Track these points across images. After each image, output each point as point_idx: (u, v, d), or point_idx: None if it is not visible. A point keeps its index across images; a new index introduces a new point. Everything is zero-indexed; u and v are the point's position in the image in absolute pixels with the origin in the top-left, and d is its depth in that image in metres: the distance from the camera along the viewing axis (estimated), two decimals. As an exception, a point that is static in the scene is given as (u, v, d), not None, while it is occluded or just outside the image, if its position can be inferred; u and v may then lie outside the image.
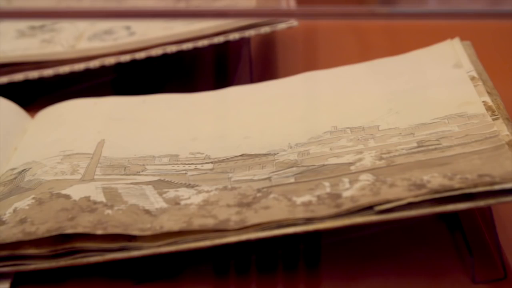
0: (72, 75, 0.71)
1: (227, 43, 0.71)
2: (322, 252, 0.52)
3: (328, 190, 0.50)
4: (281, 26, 0.70)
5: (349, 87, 0.64)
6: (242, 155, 0.56)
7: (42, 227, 0.50)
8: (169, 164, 0.56)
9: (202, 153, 0.57)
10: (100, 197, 0.52)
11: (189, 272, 0.52)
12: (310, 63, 0.77)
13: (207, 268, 0.52)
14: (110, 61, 0.70)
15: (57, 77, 0.70)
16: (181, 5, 0.78)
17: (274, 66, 0.77)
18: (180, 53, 0.71)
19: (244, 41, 0.73)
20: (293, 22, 0.70)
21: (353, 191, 0.49)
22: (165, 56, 0.71)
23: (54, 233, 0.49)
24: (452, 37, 0.65)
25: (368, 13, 0.59)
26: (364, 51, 0.77)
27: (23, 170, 0.58)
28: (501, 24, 0.76)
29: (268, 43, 0.81)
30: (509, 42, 0.77)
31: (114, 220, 0.50)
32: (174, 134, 0.61)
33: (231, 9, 0.73)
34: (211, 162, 0.56)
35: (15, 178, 0.57)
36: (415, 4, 0.67)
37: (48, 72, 0.70)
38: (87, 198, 0.52)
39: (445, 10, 0.58)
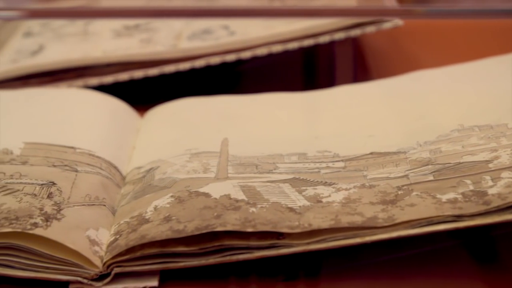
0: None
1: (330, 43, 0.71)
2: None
3: (471, 187, 0.51)
4: (387, 25, 0.70)
5: (463, 86, 0.64)
6: (371, 153, 0.57)
7: (189, 225, 0.50)
8: (300, 163, 0.57)
9: (330, 151, 0.58)
10: (240, 195, 0.52)
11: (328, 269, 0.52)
12: (403, 63, 0.77)
13: (348, 265, 0.52)
14: (215, 60, 0.71)
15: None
16: (276, 4, 0.78)
17: (369, 66, 0.77)
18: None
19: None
20: (398, 22, 0.70)
21: (498, 189, 0.50)
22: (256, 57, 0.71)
23: (203, 231, 0.49)
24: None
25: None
26: (461, 51, 0.77)
27: (150, 169, 0.58)
28: None
29: (356, 43, 0.81)
30: None
31: (261, 218, 0.50)
32: (295, 132, 0.61)
33: (333, 8, 0.73)
34: (342, 160, 0.56)
35: (143, 177, 0.57)
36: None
37: (153, 71, 0.71)
38: (228, 196, 0.52)
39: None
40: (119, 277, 0.50)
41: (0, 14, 0.71)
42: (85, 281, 0.50)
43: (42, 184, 0.54)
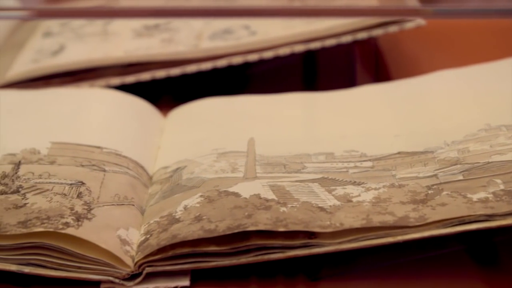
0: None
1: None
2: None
3: (501, 187, 0.51)
4: (409, 25, 0.70)
5: (486, 86, 0.64)
6: (399, 152, 0.57)
7: (221, 225, 0.50)
8: (327, 162, 0.57)
9: (357, 151, 0.58)
10: (270, 195, 0.52)
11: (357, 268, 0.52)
12: (424, 63, 0.77)
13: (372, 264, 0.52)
14: (237, 60, 0.71)
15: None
16: (297, 4, 0.78)
17: (390, 66, 0.77)
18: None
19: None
20: (421, 21, 0.70)
21: (530, 188, 0.50)
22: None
23: (235, 231, 0.49)
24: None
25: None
26: (482, 51, 0.77)
27: (177, 169, 0.58)
28: None
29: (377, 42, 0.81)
30: None
31: (292, 217, 0.50)
32: (321, 132, 0.61)
33: (355, 8, 0.73)
34: (369, 160, 0.56)
35: (170, 176, 0.57)
36: None
37: (175, 71, 0.71)
38: (257, 196, 0.52)
39: None
40: (150, 276, 0.50)
41: (10, 14, 0.71)
42: (116, 280, 0.50)
43: (71, 184, 0.54)
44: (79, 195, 0.53)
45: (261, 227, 0.49)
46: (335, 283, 0.51)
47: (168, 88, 0.74)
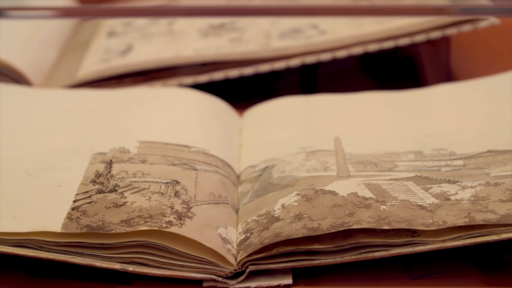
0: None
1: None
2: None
3: None
4: (483, 24, 0.70)
5: None
6: (488, 151, 0.57)
7: (323, 223, 0.50)
8: (418, 161, 0.57)
9: (446, 150, 0.58)
10: (368, 193, 0.52)
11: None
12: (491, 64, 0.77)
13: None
14: (310, 59, 0.71)
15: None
16: (363, 4, 0.78)
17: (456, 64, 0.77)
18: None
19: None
20: (495, 20, 0.70)
21: None
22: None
23: (339, 229, 0.49)
24: None
25: None
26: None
27: (266, 167, 0.58)
28: None
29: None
30: None
31: (394, 215, 0.50)
32: (405, 130, 0.61)
33: (424, 6, 0.73)
34: (460, 158, 0.56)
35: (260, 175, 0.57)
36: None
37: (248, 70, 0.71)
38: (355, 194, 0.52)
39: None
40: (252, 275, 0.50)
41: (35, 13, 0.71)
42: (219, 279, 0.50)
43: (166, 183, 0.54)
44: (176, 194, 0.53)
45: (364, 225, 0.49)
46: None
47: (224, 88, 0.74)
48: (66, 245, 0.50)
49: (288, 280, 0.50)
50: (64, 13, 0.76)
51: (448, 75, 0.72)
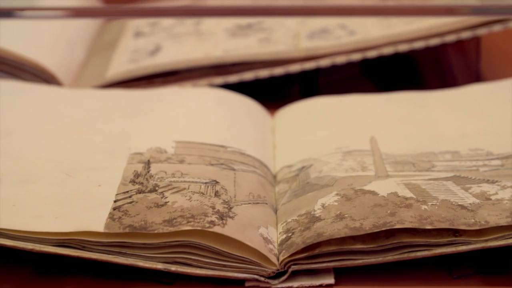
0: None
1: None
2: None
3: None
4: (514, 23, 0.70)
5: None
6: (525, 151, 0.57)
7: (365, 223, 0.50)
8: (455, 161, 0.57)
9: (482, 149, 0.58)
10: (408, 193, 0.53)
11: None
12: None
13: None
14: (340, 59, 0.71)
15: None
16: (391, 3, 0.78)
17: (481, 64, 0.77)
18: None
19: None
20: (526, 20, 0.70)
21: None
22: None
23: (382, 229, 0.49)
24: None
25: None
26: None
27: (303, 167, 0.58)
28: None
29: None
30: None
31: (436, 215, 0.50)
32: (440, 130, 0.61)
33: (453, 6, 0.72)
34: (497, 158, 0.57)
35: (297, 175, 0.58)
36: None
37: (278, 70, 0.71)
38: (395, 194, 0.52)
39: None
40: (294, 275, 0.50)
41: (44, 13, 0.71)
42: (262, 279, 0.50)
43: (206, 183, 0.54)
44: (216, 194, 0.53)
45: (407, 225, 0.50)
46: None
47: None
48: (109, 245, 0.50)
49: (330, 280, 0.50)
50: (90, 13, 0.77)
51: (477, 76, 0.72)
